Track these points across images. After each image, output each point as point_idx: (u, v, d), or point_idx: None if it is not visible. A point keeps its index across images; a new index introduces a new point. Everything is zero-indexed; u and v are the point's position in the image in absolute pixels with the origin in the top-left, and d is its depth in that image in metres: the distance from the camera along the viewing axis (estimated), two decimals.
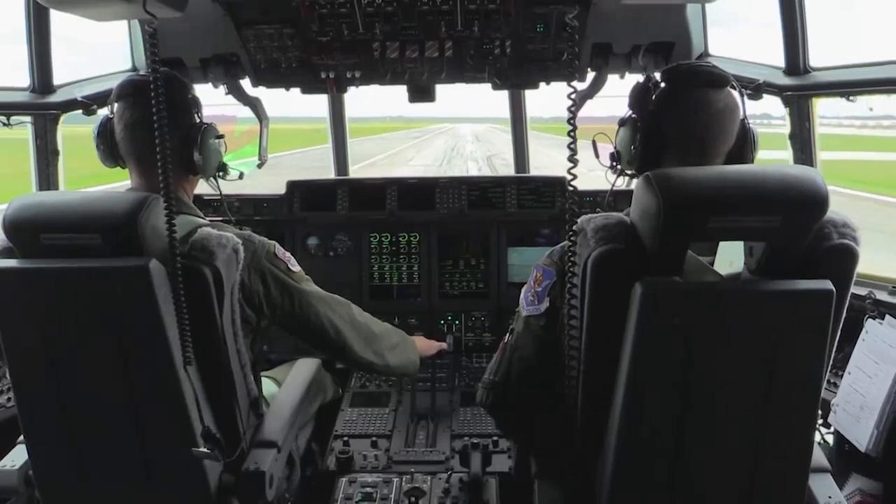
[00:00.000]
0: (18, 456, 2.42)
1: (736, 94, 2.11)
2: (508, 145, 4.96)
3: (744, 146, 2.14)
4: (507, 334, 2.34)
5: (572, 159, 1.91)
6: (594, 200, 4.03)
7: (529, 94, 4.75)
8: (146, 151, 2.24)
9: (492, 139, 52.25)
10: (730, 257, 1.99)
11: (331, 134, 4.79)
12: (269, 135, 3.58)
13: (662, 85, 2.14)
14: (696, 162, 2.05)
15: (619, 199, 3.75)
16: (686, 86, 2.09)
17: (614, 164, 2.26)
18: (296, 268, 2.55)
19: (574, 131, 1.86)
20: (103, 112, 2.49)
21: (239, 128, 3.56)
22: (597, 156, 2.39)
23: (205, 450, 2.09)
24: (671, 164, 2.06)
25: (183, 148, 2.37)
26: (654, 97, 2.14)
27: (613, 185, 2.32)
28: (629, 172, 2.24)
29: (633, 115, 2.16)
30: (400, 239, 4.27)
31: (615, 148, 2.24)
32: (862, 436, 2.74)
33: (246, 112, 3.62)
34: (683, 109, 2.08)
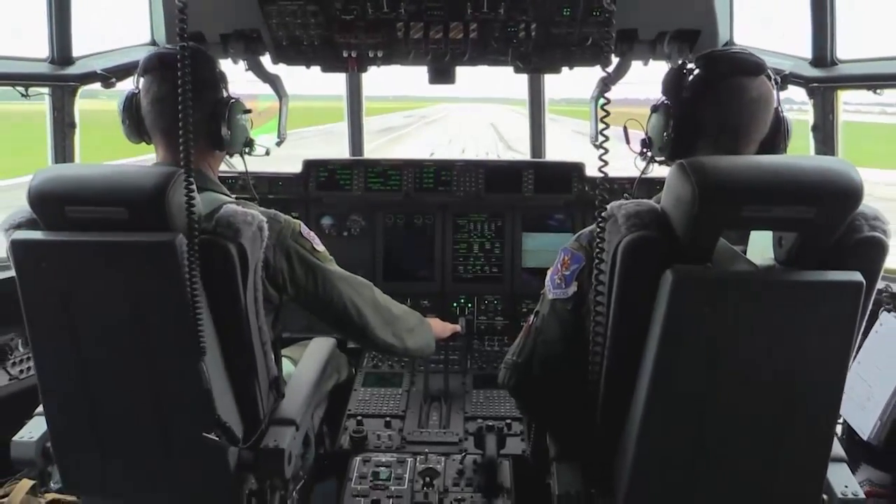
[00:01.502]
0: (36, 428, 2.42)
1: (770, 82, 2.10)
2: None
3: (776, 135, 2.14)
4: (532, 316, 2.33)
5: (602, 146, 1.90)
6: (612, 188, 4.02)
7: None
8: (172, 126, 2.22)
9: (512, 131, 40.01)
10: (761, 245, 1.98)
11: (347, 113, 4.77)
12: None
13: (696, 72, 2.12)
14: (729, 150, 2.05)
15: (641, 187, 3.74)
16: (722, 73, 2.08)
17: (645, 150, 2.24)
18: (320, 247, 2.55)
19: (605, 118, 1.85)
20: (122, 86, 2.46)
21: (262, 104, 3.54)
22: (627, 142, 2.39)
23: (214, 436, 2.10)
24: (703, 152, 2.05)
25: (210, 122, 2.35)
26: (687, 84, 2.12)
27: (643, 172, 2.31)
28: (659, 159, 2.22)
29: (667, 102, 2.14)
30: (414, 220, 4.27)
31: (646, 134, 2.23)
32: (865, 424, 2.77)
33: (265, 89, 3.61)
34: (718, 97, 2.06)
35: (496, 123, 48.43)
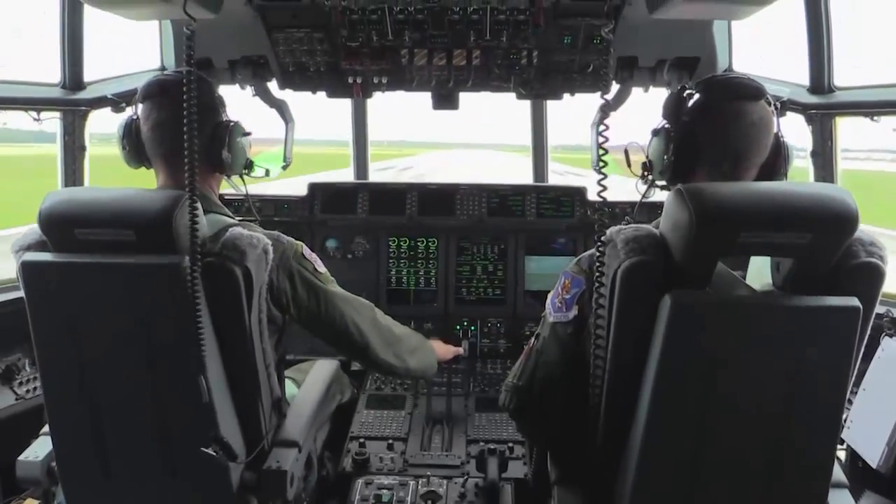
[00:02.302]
0: (41, 447, 2.43)
1: (770, 107, 2.12)
2: None
3: (777, 159, 2.16)
4: (533, 339, 2.35)
5: (601, 171, 1.93)
6: (613, 212, 4.05)
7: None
8: (173, 150, 2.27)
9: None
10: (760, 271, 2.00)
11: (352, 138, 4.83)
12: None
13: (696, 96, 2.15)
14: (730, 174, 2.07)
15: (641, 211, 3.78)
16: (721, 97, 2.10)
17: (646, 174, 2.26)
18: (322, 269, 2.58)
19: (604, 143, 1.89)
20: (131, 110, 2.51)
21: None
22: (628, 165, 2.39)
23: (212, 451, 2.10)
24: (704, 176, 2.08)
25: (211, 145, 2.39)
26: (687, 108, 2.15)
27: (644, 196, 2.34)
28: (660, 183, 2.25)
29: (667, 126, 2.16)
30: (418, 243, 4.30)
31: (647, 158, 2.24)
32: (874, 452, 2.75)
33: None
34: (719, 120, 2.08)
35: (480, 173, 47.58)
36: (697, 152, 2.10)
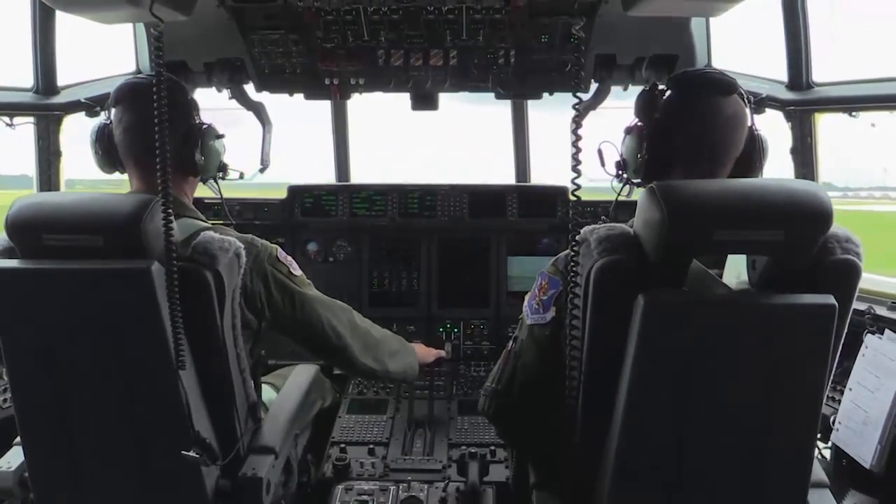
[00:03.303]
0: (14, 457, 2.40)
1: (742, 101, 2.10)
2: None
3: (752, 154, 2.15)
4: (511, 342, 2.32)
5: (575, 169, 1.91)
6: (595, 211, 4.04)
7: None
8: (146, 154, 2.24)
9: None
10: (737, 269, 1.98)
11: (333, 141, 4.79)
12: None
13: (669, 93, 2.13)
14: (706, 168, 2.06)
15: (619, 210, 3.77)
16: (695, 93, 2.09)
17: (620, 172, 2.24)
18: (297, 272, 2.55)
19: (578, 142, 1.87)
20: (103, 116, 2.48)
21: None
22: (602, 164, 2.36)
23: (194, 454, 2.07)
24: (680, 172, 2.06)
25: (184, 148, 2.37)
26: (660, 104, 2.13)
27: (619, 195, 2.32)
28: (635, 181, 2.23)
29: (640, 123, 2.15)
30: (400, 245, 4.28)
31: (621, 157, 2.23)
32: (865, 452, 2.72)
33: None
34: (692, 116, 2.07)
35: None
36: (672, 149, 2.08)
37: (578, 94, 1.85)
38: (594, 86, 3.42)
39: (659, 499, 1.94)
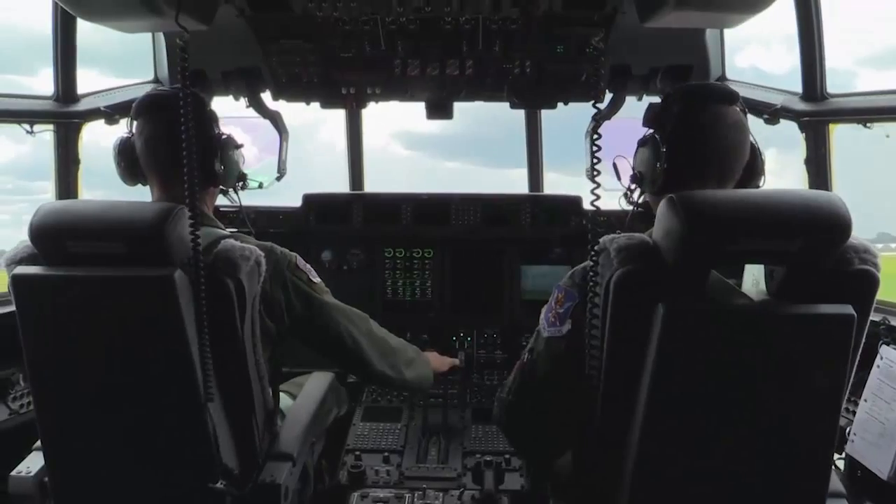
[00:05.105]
0: (34, 463, 2.41)
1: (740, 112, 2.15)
2: None
3: (755, 161, 2.19)
4: (525, 353, 2.32)
5: (594, 179, 1.93)
6: (609, 221, 4.04)
7: None
8: (169, 165, 2.29)
9: None
10: (755, 279, 1.99)
11: (347, 149, 4.83)
12: None
13: (675, 105, 2.15)
14: (718, 174, 2.09)
15: (640, 220, 3.78)
16: (701, 102, 2.12)
17: (634, 186, 2.27)
18: (316, 279, 2.57)
19: (598, 152, 1.89)
20: (124, 121, 2.51)
21: None
22: (618, 178, 2.40)
23: (220, 485, 2.10)
24: (693, 180, 2.07)
25: (204, 159, 2.38)
26: (669, 116, 2.15)
27: (636, 207, 2.33)
28: (652, 193, 2.24)
29: (655, 135, 2.15)
30: (414, 254, 4.29)
31: (634, 169, 2.25)
32: (882, 464, 2.70)
33: None
34: (702, 123, 2.10)
35: None
36: (686, 157, 2.10)
37: (597, 105, 1.87)
38: (608, 96, 3.45)
39: None
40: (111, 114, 3.61)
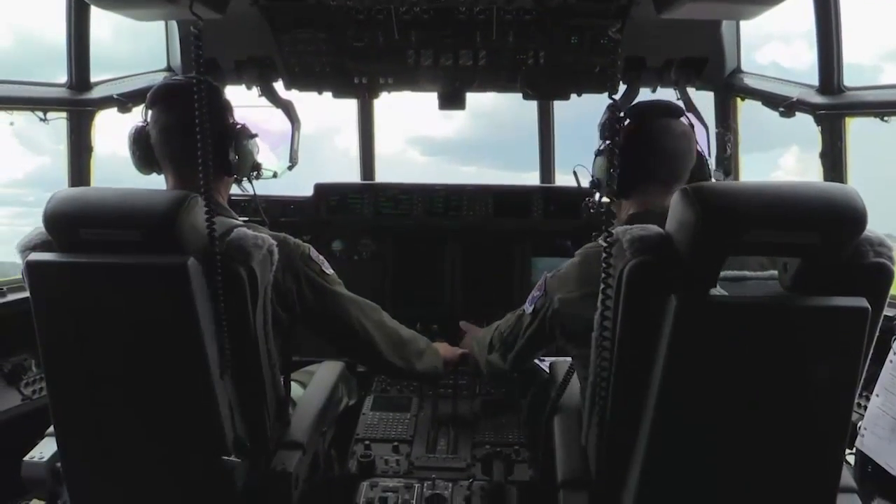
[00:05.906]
0: (47, 448, 2.44)
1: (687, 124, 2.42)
2: None
3: (703, 166, 2.50)
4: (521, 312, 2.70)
5: (613, 171, 1.92)
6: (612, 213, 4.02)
7: None
8: (183, 154, 2.29)
9: None
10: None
11: (359, 139, 4.82)
12: None
13: (628, 121, 2.39)
14: (668, 176, 2.34)
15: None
16: (650, 116, 2.39)
17: (594, 190, 2.56)
18: (329, 270, 2.58)
19: (611, 144, 1.88)
20: (137, 110, 2.51)
21: None
22: (578, 184, 2.76)
23: (234, 459, 2.11)
24: (647, 183, 2.35)
25: (219, 148, 2.38)
26: (623, 127, 2.37)
27: (602, 208, 2.37)
28: (608, 198, 2.34)
29: (610, 145, 2.32)
30: (425, 245, 4.29)
31: (593, 176, 2.53)
32: (894, 459, 2.70)
33: None
34: (652, 133, 2.36)
35: None
36: (638, 163, 2.32)
37: (613, 97, 1.86)
38: (622, 87, 3.43)
39: (686, 498, 1.94)
40: (124, 102, 3.63)
